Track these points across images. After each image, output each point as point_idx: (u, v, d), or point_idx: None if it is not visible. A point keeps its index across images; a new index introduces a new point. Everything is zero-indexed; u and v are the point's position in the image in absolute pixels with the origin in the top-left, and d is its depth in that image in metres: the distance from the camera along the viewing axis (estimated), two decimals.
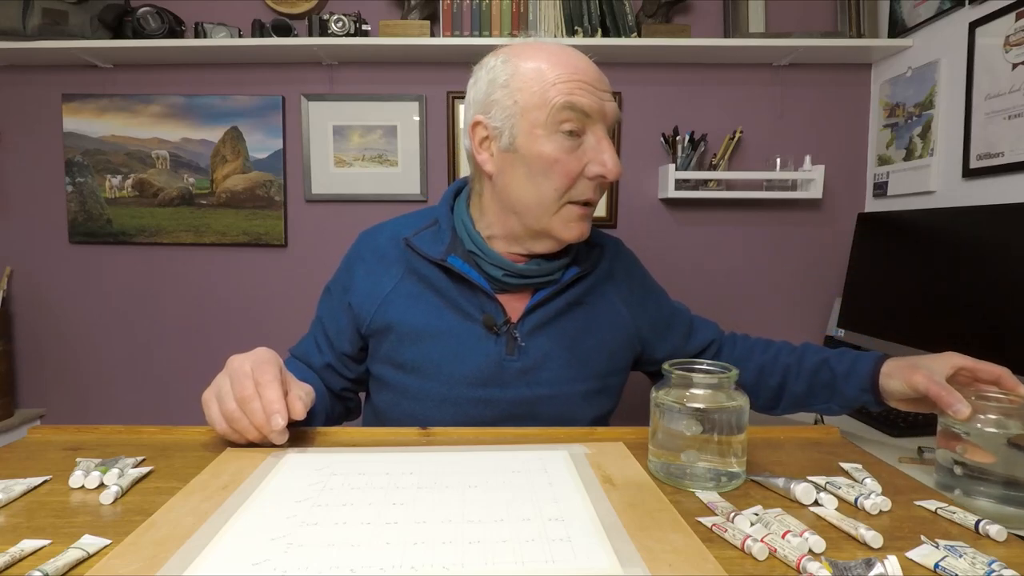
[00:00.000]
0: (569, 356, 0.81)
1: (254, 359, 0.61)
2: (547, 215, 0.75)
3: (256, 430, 0.59)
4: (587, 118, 0.73)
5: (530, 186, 0.74)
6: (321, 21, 1.59)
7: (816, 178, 1.62)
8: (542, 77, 0.72)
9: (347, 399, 0.91)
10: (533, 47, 0.75)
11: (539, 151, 0.72)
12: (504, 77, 0.73)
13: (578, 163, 0.73)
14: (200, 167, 1.76)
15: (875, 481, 0.53)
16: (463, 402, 0.79)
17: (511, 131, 0.73)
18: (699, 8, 1.71)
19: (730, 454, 0.52)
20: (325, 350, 0.86)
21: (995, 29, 1.27)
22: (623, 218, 1.77)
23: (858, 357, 0.81)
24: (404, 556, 0.40)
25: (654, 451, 0.55)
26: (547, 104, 0.71)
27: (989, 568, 0.38)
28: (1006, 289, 1.07)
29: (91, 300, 1.80)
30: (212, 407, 0.60)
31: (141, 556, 0.40)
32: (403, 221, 0.87)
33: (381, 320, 0.81)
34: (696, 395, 0.53)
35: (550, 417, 0.80)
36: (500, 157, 0.75)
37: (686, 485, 0.52)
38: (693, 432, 0.51)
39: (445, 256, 0.79)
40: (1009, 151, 1.24)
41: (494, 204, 0.79)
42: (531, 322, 0.80)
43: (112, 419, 1.76)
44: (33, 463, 0.58)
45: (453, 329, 0.79)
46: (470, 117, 0.77)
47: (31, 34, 1.56)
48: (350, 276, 0.85)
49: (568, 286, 0.82)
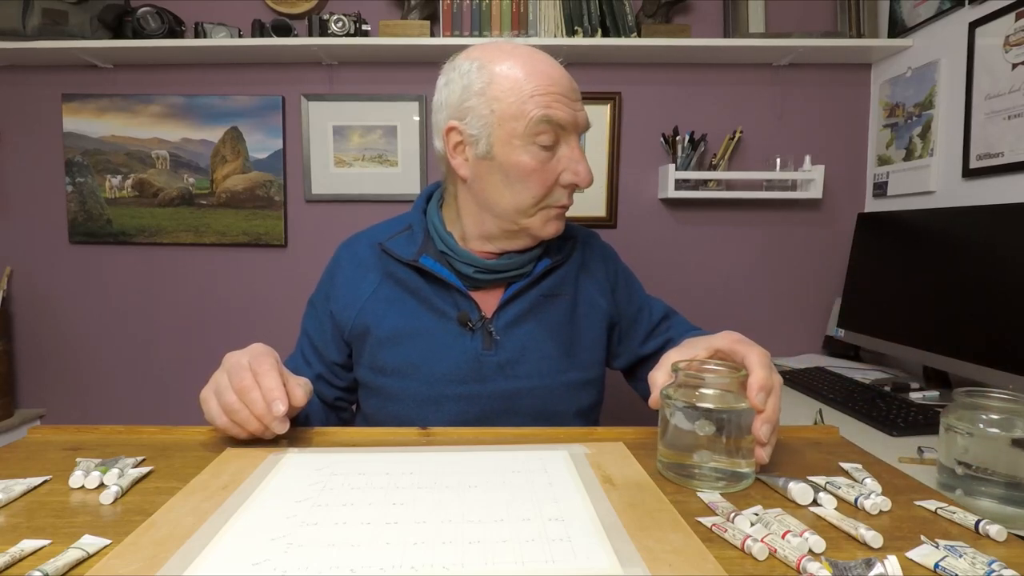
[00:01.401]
0: (547, 348, 0.82)
1: (251, 353, 0.62)
2: (524, 217, 0.77)
3: (257, 420, 0.58)
4: (562, 130, 0.74)
5: (507, 192, 0.76)
6: (321, 21, 1.59)
7: (816, 178, 1.62)
8: (519, 88, 0.72)
9: (340, 409, 0.91)
10: (506, 51, 0.75)
11: (516, 160, 0.74)
12: (479, 85, 0.73)
13: (553, 172, 0.75)
14: (200, 167, 1.76)
15: (875, 481, 0.53)
16: (444, 400, 0.80)
17: (488, 139, 0.74)
18: (699, 8, 1.71)
19: (739, 455, 0.52)
20: (314, 362, 0.87)
21: (995, 29, 1.27)
22: (623, 218, 1.77)
23: (683, 335, 0.84)
24: (404, 556, 0.40)
25: (664, 451, 0.55)
26: (524, 116, 0.72)
27: (989, 568, 0.38)
28: (1006, 289, 1.07)
29: (91, 300, 1.80)
30: (211, 403, 0.60)
31: (141, 556, 0.39)
32: (379, 228, 0.89)
33: (360, 325, 0.82)
34: (706, 395, 0.53)
35: (532, 410, 0.81)
36: (476, 163, 0.76)
37: (695, 485, 0.52)
38: (706, 433, 0.51)
39: (417, 257, 0.80)
40: (1009, 151, 1.24)
41: (469, 205, 0.80)
42: (506, 316, 0.81)
43: (112, 419, 1.75)
44: (33, 463, 0.58)
45: (429, 328, 0.80)
46: (442, 120, 0.77)
47: (31, 34, 1.56)
48: (331, 285, 0.87)
49: (540, 278, 0.83)
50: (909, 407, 1.11)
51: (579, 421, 0.86)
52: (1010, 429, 0.55)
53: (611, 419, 0.91)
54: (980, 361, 1.10)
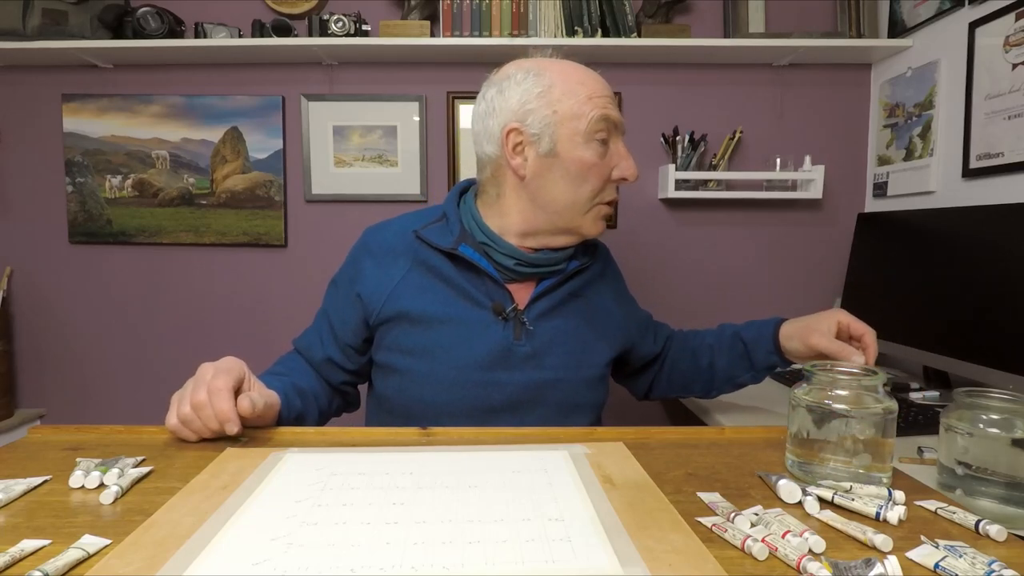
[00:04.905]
0: (572, 343, 0.87)
1: (216, 369, 0.66)
2: (580, 214, 0.83)
3: (210, 431, 0.64)
4: (614, 128, 0.83)
5: (568, 188, 0.82)
6: (321, 21, 1.59)
7: (816, 178, 1.62)
8: (577, 92, 0.80)
9: (346, 392, 0.94)
10: (554, 62, 0.84)
11: (579, 156, 0.80)
12: (539, 89, 0.80)
13: (607, 167, 0.83)
14: (200, 167, 1.76)
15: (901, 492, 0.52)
16: (471, 385, 0.82)
17: (551, 137, 0.80)
18: (699, 8, 1.71)
19: (881, 458, 0.53)
20: (328, 343, 0.89)
21: (995, 29, 1.27)
22: (623, 218, 1.77)
23: (761, 325, 0.94)
24: (404, 556, 0.40)
25: (798, 451, 0.56)
26: (585, 116, 0.79)
27: (989, 568, 0.38)
28: (1006, 289, 1.07)
29: (91, 300, 1.80)
30: (172, 407, 0.65)
31: (141, 556, 0.39)
32: (410, 217, 0.91)
33: (391, 309, 0.84)
34: (840, 396, 0.55)
35: (556, 402, 0.85)
36: (538, 162, 0.81)
37: (830, 486, 0.52)
38: (867, 436, 0.52)
39: (456, 246, 0.83)
40: (1009, 151, 1.24)
41: (521, 203, 0.84)
42: (538, 308, 0.85)
43: (112, 419, 1.74)
44: (33, 463, 0.58)
45: (462, 315, 0.83)
46: (495, 124, 0.82)
47: (31, 34, 1.56)
48: (357, 268, 0.88)
49: (570, 277, 0.88)
50: (909, 407, 1.11)
51: (592, 414, 0.91)
52: (1010, 429, 0.55)
53: (611, 419, 0.91)
54: (980, 361, 1.10)
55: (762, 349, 0.93)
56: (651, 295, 1.76)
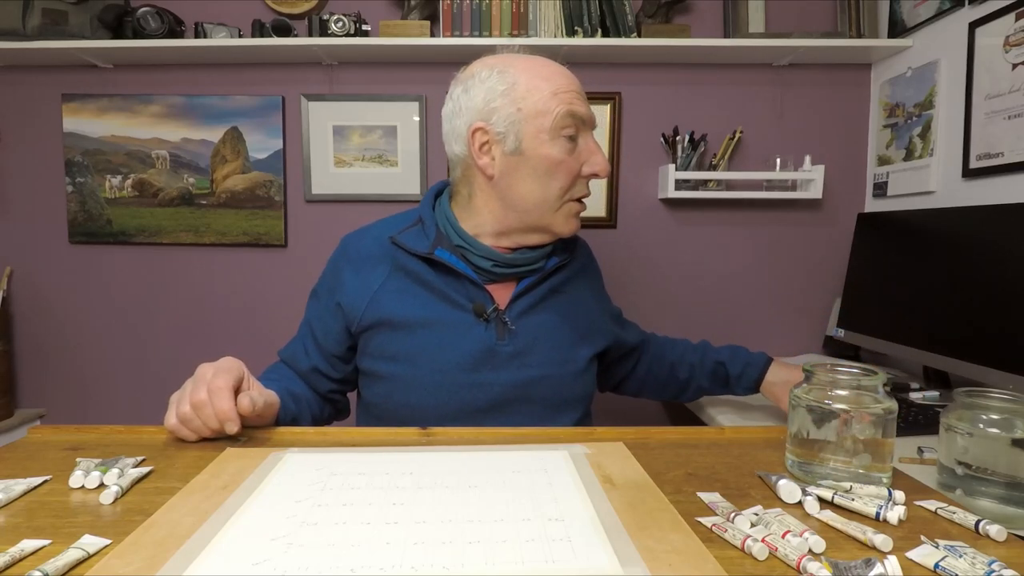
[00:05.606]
0: (556, 339, 0.87)
1: (216, 369, 0.66)
2: (550, 212, 0.82)
3: (210, 430, 0.64)
4: (582, 124, 0.82)
5: (536, 186, 0.81)
6: (321, 21, 1.59)
7: (816, 178, 1.62)
8: (541, 88, 0.79)
9: (335, 400, 0.93)
10: (520, 58, 0.82)
11: (546, 153, 0.79)
12: (503, 87, 0.79)
13: (576, 163, 0.82)
14: (200, 167, 1.76)
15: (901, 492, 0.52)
16: (457, 387, 0.82)
17: (516, 135, 0.79)
18: (699, 8, 1.71)
19: (881, 458, 0.53)
20: (312, 353, 0.89)
21: (995, 29, 1.27)
22: (623, 218, 1.76)
23: (747, 364, 1.00)
24: (404, 556, 0.40)
25: (798, 451, 0.56)
26: (550, 112, 0.78)
27: (989, 568, 0.38)
28: (1006, 289, 1.07)
29: (91, 300, 1.80)
30: (171, 407, 0.65)
31: (141, 556, 0.39)
32: (387, 222, 0.91)
33: (372, 316, 0.84)
34: (839, 396, 0.54)
35: (543, 399, 0.85)
36: (504, 160, 0.80)
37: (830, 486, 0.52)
38: (867, 436, 0.52)
39: (432, 250, 0.83)
40: (1009, 151, 1.24)
41: (491, 203, 0.83)
42: (519, 307, 0.85)
43: (112, 419, 1.74)
44: (33, 463, 0.58)
45: (443, 318, 0.83)
46: (462, 124, 0.81)
47: (31, 34, 1.56)
48: (337, 277, 0.88)
49: (550, 274, 0.88)
50: (909, 407, 1.11)
51: (581, 407, 0.91)
52: (1010, 429, 0.55)
53: (611, 419, 0.91)
54: (980, 361, 1.10)
55: (743, 385, 1.01)
56: (651, 295, 1.76)
